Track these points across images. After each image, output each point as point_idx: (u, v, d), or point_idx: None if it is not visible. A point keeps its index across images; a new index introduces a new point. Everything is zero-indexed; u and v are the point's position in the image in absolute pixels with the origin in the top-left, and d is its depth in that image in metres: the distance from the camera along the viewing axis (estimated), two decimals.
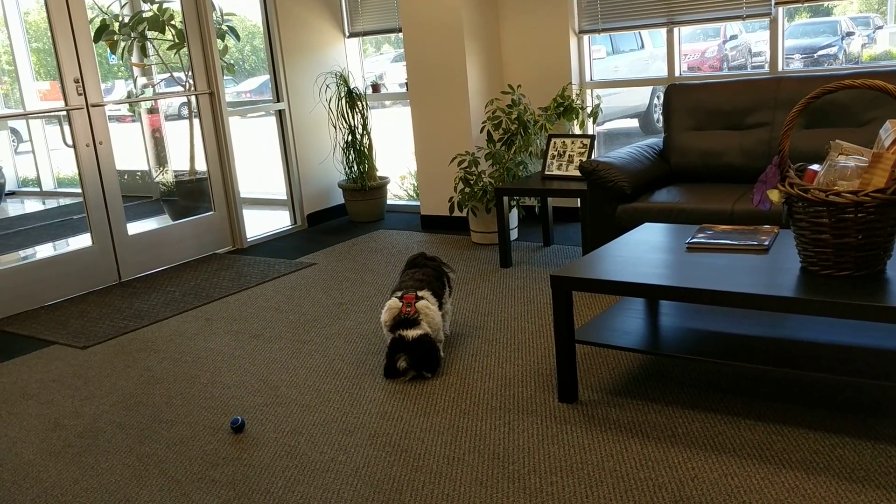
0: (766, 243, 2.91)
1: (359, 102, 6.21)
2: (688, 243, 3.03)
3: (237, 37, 6.35)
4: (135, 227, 5.37)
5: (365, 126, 6.24)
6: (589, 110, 5.36)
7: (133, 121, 7.47)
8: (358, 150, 6.23)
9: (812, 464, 2.41)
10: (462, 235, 5.61)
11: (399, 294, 3.42)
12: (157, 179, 7.05)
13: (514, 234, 5.32)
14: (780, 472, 2.38)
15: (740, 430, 2.64)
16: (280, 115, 6.18)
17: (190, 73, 5.65)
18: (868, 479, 2.30)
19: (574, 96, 5.42)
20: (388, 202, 6.62)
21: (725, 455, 2.50)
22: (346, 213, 6.56)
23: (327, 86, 6.40)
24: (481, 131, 5.34)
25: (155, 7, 5.90)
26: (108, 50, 6.27)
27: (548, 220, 5.11)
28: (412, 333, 3.27)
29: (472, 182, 5.12)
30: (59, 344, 4.14)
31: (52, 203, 7.57)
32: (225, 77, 5.82)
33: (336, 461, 2.70)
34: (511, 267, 4.75)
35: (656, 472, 2.44)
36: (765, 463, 2.44)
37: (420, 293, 3.42)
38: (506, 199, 4.77)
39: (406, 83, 5.81)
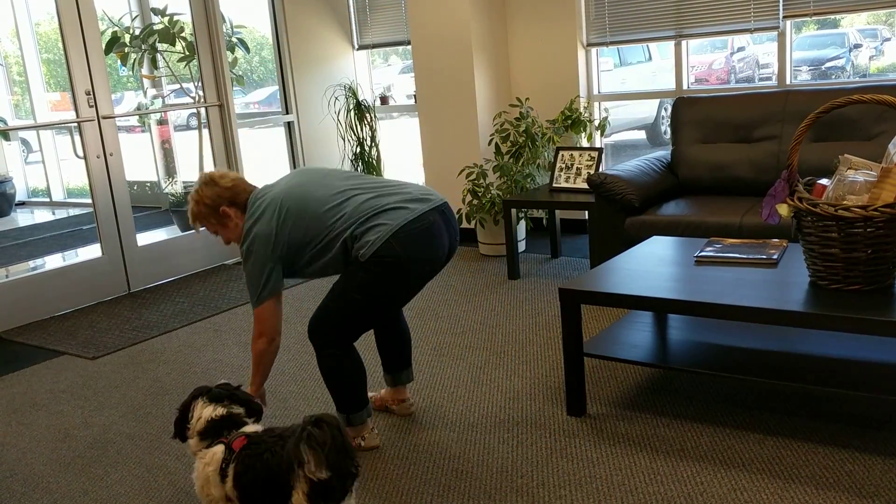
0: (775, 257, 2.91)
1: (367, 114, 6.24)
2: (696, 257, 3.03)
3: (247, 49, 6.39)
4: (144, 238, 5.39)
5: (373, 138, 6.26)
6: (597, 123, 5.37)
7: (143, 132, 7.52)
8: (366, 162, 6.25)
9: (821, 479, 2.40)
10: (470, 247, 5.62)
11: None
12: (166, 190, 7.08)
13: (521, 246, 5.32)
14: (789, 487, 2.37)
15: (749, 445, 2.63)
16: (289, 126, 6.21)
17: (199, 85, 5.68)
18: (878, 494, 2.30)
19: (582, 109, 5.43)
20: None
21: (735, 470, 2.50)
22: None
23: (336, 98, 6.43)
24: (489, 143, 5.35)
25: (165, 19, 5.94)
26: (119, 61, 6.31)
27: (556, 232, 5.12)
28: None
29: (480, 194, 5.14)
30: (69, 354, 4.16)
31: (61, 213, 7.61)
32: (234, 88, 5.85)
33: None
34: (519, 279, 4.75)
35: (665, 487, 2.44)
36: (774, 478, 2.43)
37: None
38: (514, 210, 4.78)
39: (414, 95, 5.83)
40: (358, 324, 2.68)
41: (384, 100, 6.52)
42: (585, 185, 4.69)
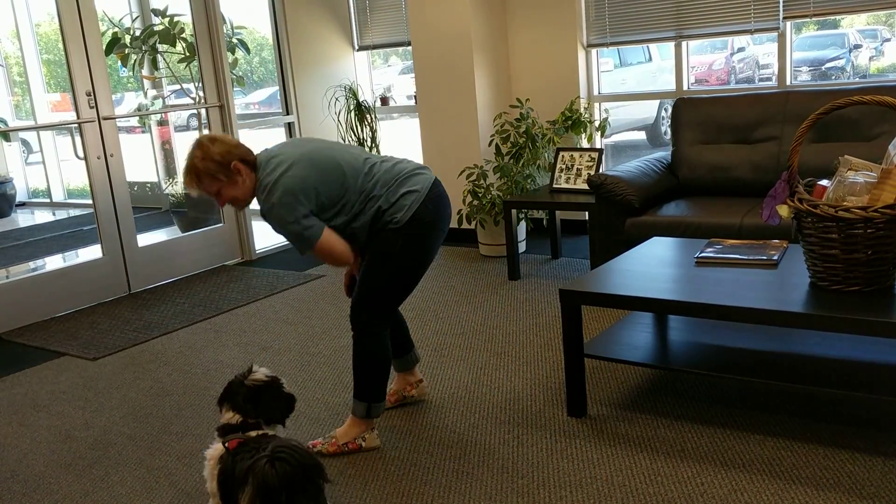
0: (776, 258, 2.91)
1: (368, 115, 6.24)
2: (697, 258, 3.04)
3: (247, 50, 6.39)
4: (144, 239, 5.39)
5: (374, 139, 6.27)
6: (597, 124, 5.38)
7: (143, 132, 7.52)
8: None
9: (822, 479, 2.40)
10: (470, 248, 5.62)
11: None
12: (166, 191, 7.08)
13: (522, 247, 5.32)
14: (789, 488, 2.37)
15: (749, 446, 2.64)
16: (289, 127, 6.21)
17: (200, 86, 5.69)
18: (878, 495, 2.30)
19: (582, 110, 5.43)
20: None
21: (735, 470, 2.50)
22: None
23: (336, 98, 6.43)
24: (490, 144, 5.35)
25: (166, 20, 5.95)
26: (119, 62, 6.31)
27: (556, 232, 5.12)
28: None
29: (480, 195, 5.14)
30: (70, 355, 4.16)
31: (62, 214, 7.61)
32: (234, 89, 5.85)
33: (345, 474, 2.70)
34: (519, 279, 4.75)
35: (666, 488, 2.44)
36: (774, 478, 2.43)
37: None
38: (514, 211, 4.78)
39: (415, 96, 5.83)
40: (399, 294, 2.75)
41: (384, 100, 6.52)
42: (586, 186, 4.69)
